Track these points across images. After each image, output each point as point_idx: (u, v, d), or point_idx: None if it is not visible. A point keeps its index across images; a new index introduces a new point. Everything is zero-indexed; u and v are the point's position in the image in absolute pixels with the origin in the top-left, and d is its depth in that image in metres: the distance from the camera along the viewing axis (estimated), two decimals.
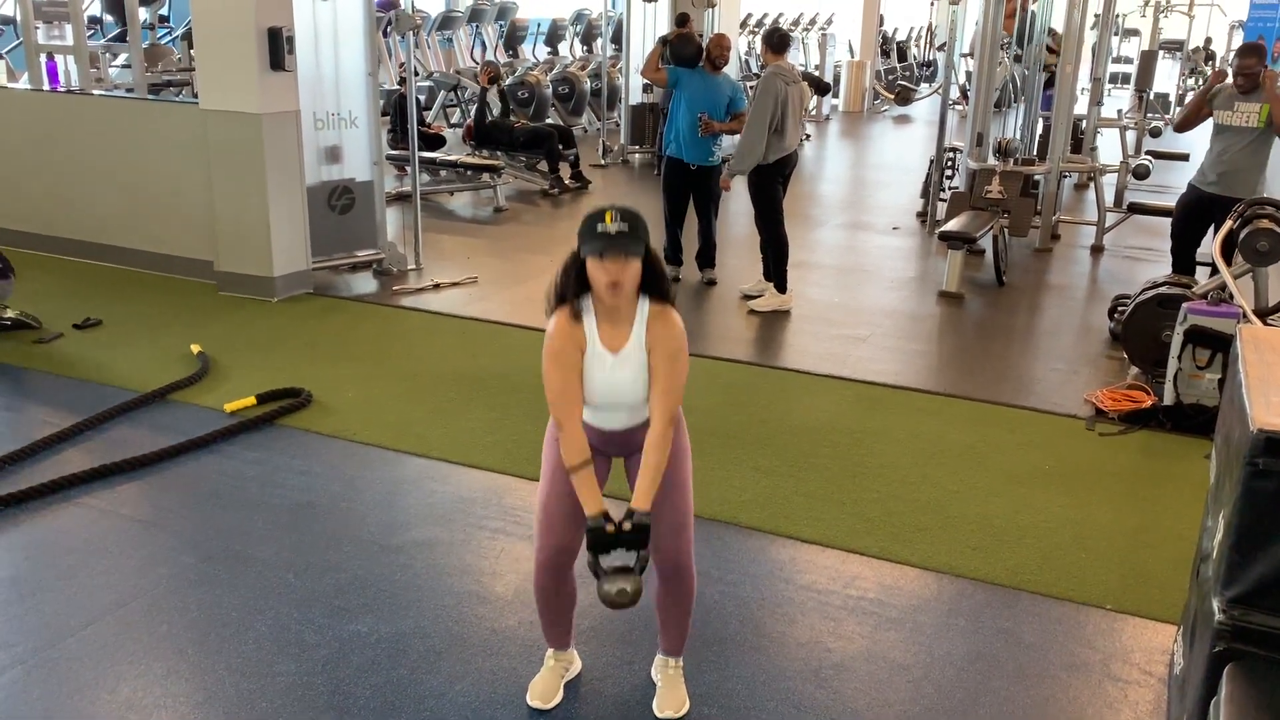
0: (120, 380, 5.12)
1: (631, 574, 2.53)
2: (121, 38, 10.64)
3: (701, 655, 3.11)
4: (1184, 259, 6.40)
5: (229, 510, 3.93)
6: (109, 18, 11.77)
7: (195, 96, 6.80)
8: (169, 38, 13.25)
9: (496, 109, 10.53)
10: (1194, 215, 6.33)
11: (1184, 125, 6.57)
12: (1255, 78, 6.08)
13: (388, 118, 10.17)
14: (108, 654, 3.09)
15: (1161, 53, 17.15)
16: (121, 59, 11.90)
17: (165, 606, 3.32)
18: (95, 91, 8.86)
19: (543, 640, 3.01)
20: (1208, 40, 20.83)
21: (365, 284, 6.96)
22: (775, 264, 6.67)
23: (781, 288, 6.68)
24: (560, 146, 10.39)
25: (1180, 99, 18.25)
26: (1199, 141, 15.79)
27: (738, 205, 7.65)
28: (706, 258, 7.24)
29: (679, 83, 6.94)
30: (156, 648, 3.12)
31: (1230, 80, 6.19)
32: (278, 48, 6.14)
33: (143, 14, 11.65)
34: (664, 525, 2.69)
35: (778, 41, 6.59)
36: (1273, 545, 2.29)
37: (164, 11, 13.52)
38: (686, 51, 7.00)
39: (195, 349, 5.48)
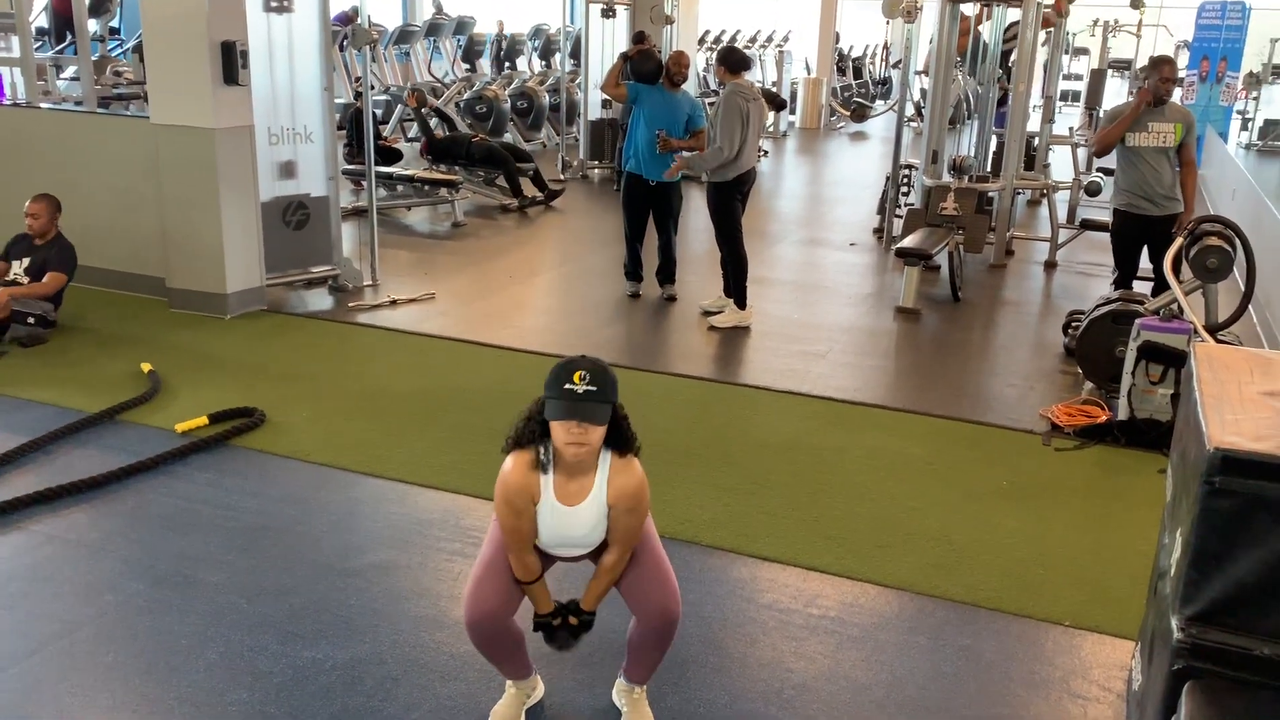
0: (67, 400, 5.00)
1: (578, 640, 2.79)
2: (71, 49, 10.47)
3: (663, 677, 3.08)
4: (1129, 278, 6.37)
5: (179, 534, 3.83)
6: (55, 31, 11.56)
7: (146, 111, 6.67)
8: (119, 50, 13.06)
9: (439, 126, 10.53)
10: (1137, 240, 6.21)
11: (1108, 147, 6.20)
12: (1173, 85, 6.04)
13: (344, 132, 10.08)
14: (50, 685, 2.99)
15: (1110, 71, 17.47)
16: (70, 71, 11.71)
17: (112, 635, 3.23)
18: (43, 105, 8.70)
19: None
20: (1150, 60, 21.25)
21: (320, 301, 6.87)
22: (735, 280, 6.68)
23: (741, 304, 6.69)
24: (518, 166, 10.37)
25: None
26: None
27: (697, 221, 7.68)
28: (666, 274, 7.23)
29: (638, 99, 6.94)
30: (103, 678, 3.03)
31: (1144, 92, 6.01)
32: (231, 62, 6.05)
33: (92, 26, 11.47)
34: (655, 605, 2.70)
35: (735, 62, 6.62)
36: (1230, 563, 2.31)
37: (114, 24, 13.32)
38: (646, 68, 7.01)
39: (146, 367, 5.37)
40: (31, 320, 5.77)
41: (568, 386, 2.43)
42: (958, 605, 3.56)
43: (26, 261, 5.94)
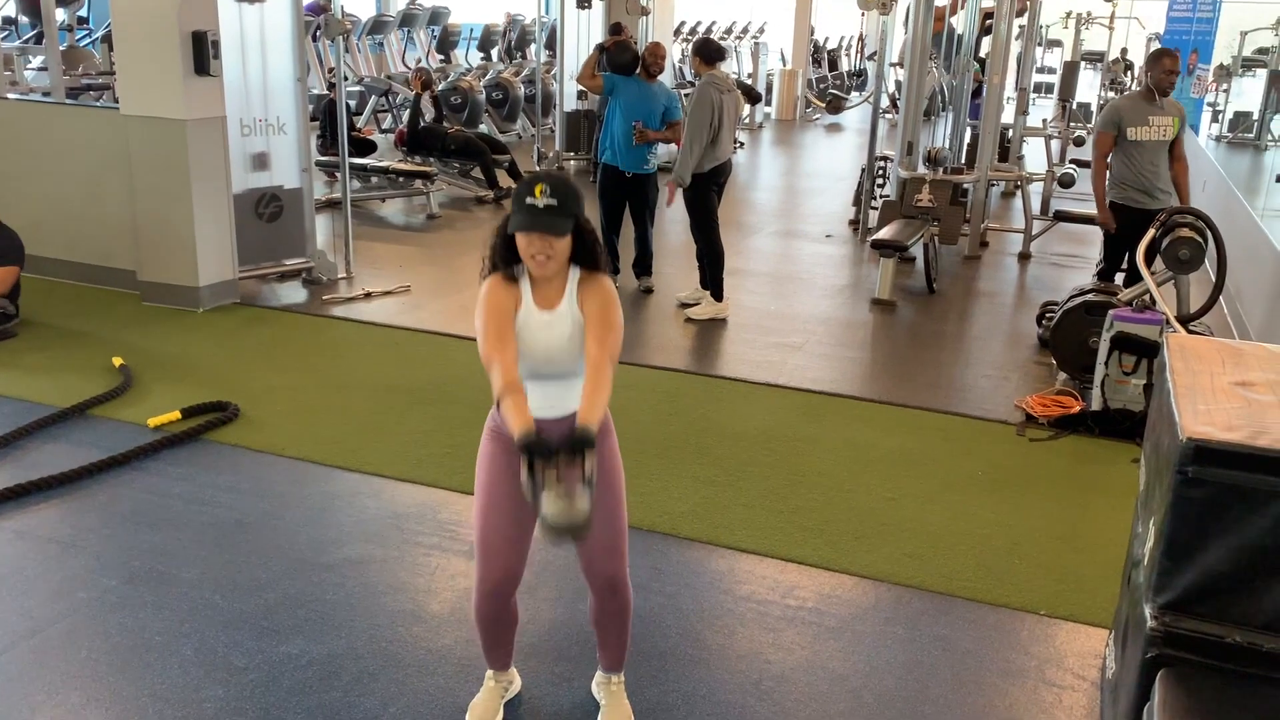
0: (37, 395, 4.94)
1: (576, 496, 2.24)
2: (38, 39, 10.32)
3: (641, 670, 3.08)
4: (1114, 271, 6.37)
5: (152, 529, 3.80)
6: (24, 19, 11.40)
7: (116, 101, 6.59)
8: (88, 40, 12.88)
9: (430, 115, 10.41)
10: (1129, 234, 5.90)
11: (1105, 169, 6.13)
12: (1172, 79, 5.98)
13: (317, 123, 10.00)
14: (22, 683, 2.96)
15: (1083, 64, 17.60)
16: (38, 61, 11.54)
17: (84, 631, 3.19)
18: (10, 95, 8.57)
19: (480, 659, 2.94)
20: (1124, 51, 21.42)
21: (294, 293, 6.82)
22: (711, 272, 6.68)
23: (718, 295, 6.70)
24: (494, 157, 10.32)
25: (1101, 108, 18.73)
26: None
27: (673, 213, 7.65)
28: (643, 266, 7.22)
29: (615, 90, 6.92)
30: (75, 675, 3.00)
31: (1145, 86, 6.05)
32: (202, 52, 5.98)
33: (60, 15, 11.31)
34: (598, 542, 2.65)
35: (711, 53, 6.59)
36: (1203, 552, 2.33)
37: (83, 13, 13.14)
38: (623, 59, 6.99)
39: (117, 362, 5.31)
40: None
41: (529, 201, 2.43)
42: (934, 595, 3.58)
43: None
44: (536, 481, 2.26)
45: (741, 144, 14.43)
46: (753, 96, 14.80)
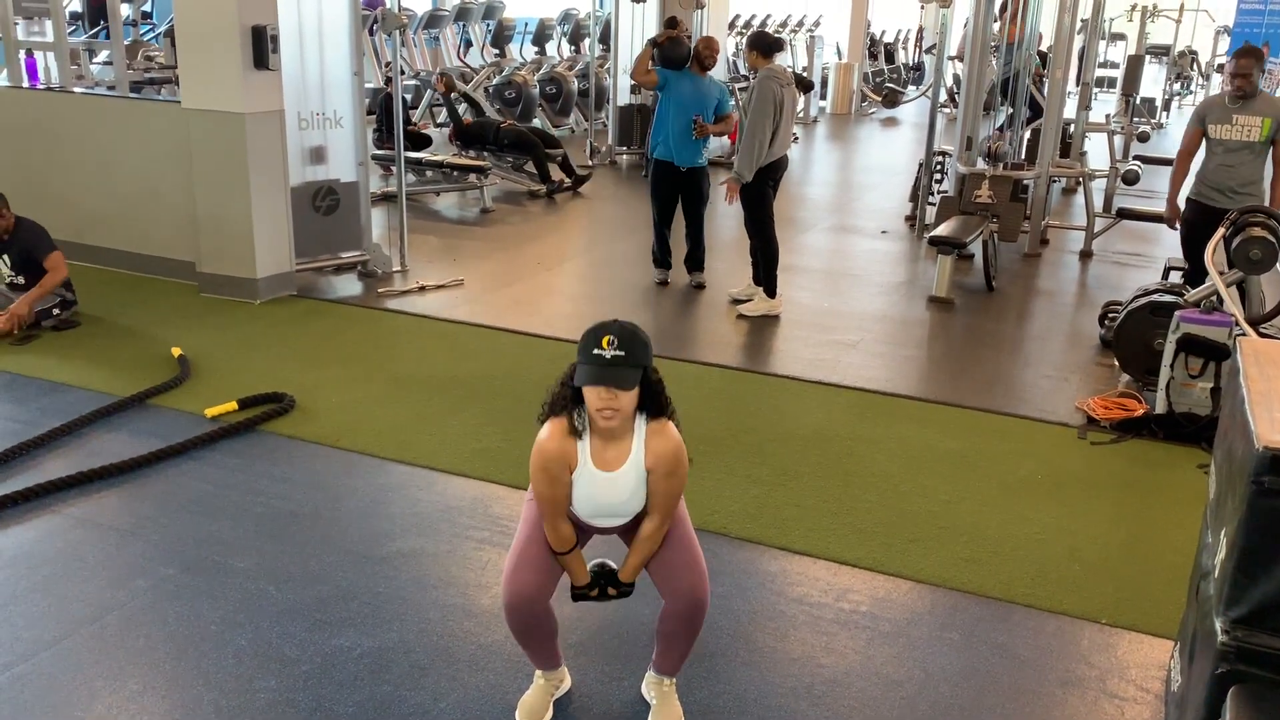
0: (98, 384, 5.03)
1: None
2: (104, 34, 10.52)
3: (692, 671, 3.05)
4: (1198, 272, 6.13)
5: (209, 519, 3.84)
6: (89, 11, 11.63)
7: (178, 95, 6.68)
8: (151, 35, 13.12)
9: (468, 111, 10.48)
10: (1203, 231, 5.69)
11: (1184, 166, 6.09)
12: (1249, 80, 5.78)
13: (373, 117, 10.08)
14: (82, 669, 3.00)
15: (1148, 57, 17.19)
16: (103, 56, 11.77)
17: (142, 619, 3.24)
18: (76, 89, 8.75)
19: None
20: (1188, 47, 20.93)
21: (350, 286, 6.87)
22: (765, 268, 6.62)
23: (771, 292, 6.63)
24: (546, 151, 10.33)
25: (1166, 104, 18.31)
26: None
27: (725, 209, 7.61)
28: (695, 261, 7.18)
29: (667, 85, 6.88)
30: (133, 663, 3.04)
31: (1224, 87, 6.00)
32: (262, 46, 6.05)
33: (125, 10, 11.52)
34: (685, 587, 2.68)
35: (768, 45, 6.53)
36: (1278, 565, 2.25)
37: (146, 8, 13.38)
38: (677, 54, 6.95)
39: (176, 352, 5.39)
40: (57, 312, 5.79)
41: (596, 351, 2.42)
42: (991, 601, 3.50)
43: (8, 259, 5.82)
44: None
45: (796, 138, 14.30)
46: (805, 85, 14.65)
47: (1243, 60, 5.86)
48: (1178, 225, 6.21)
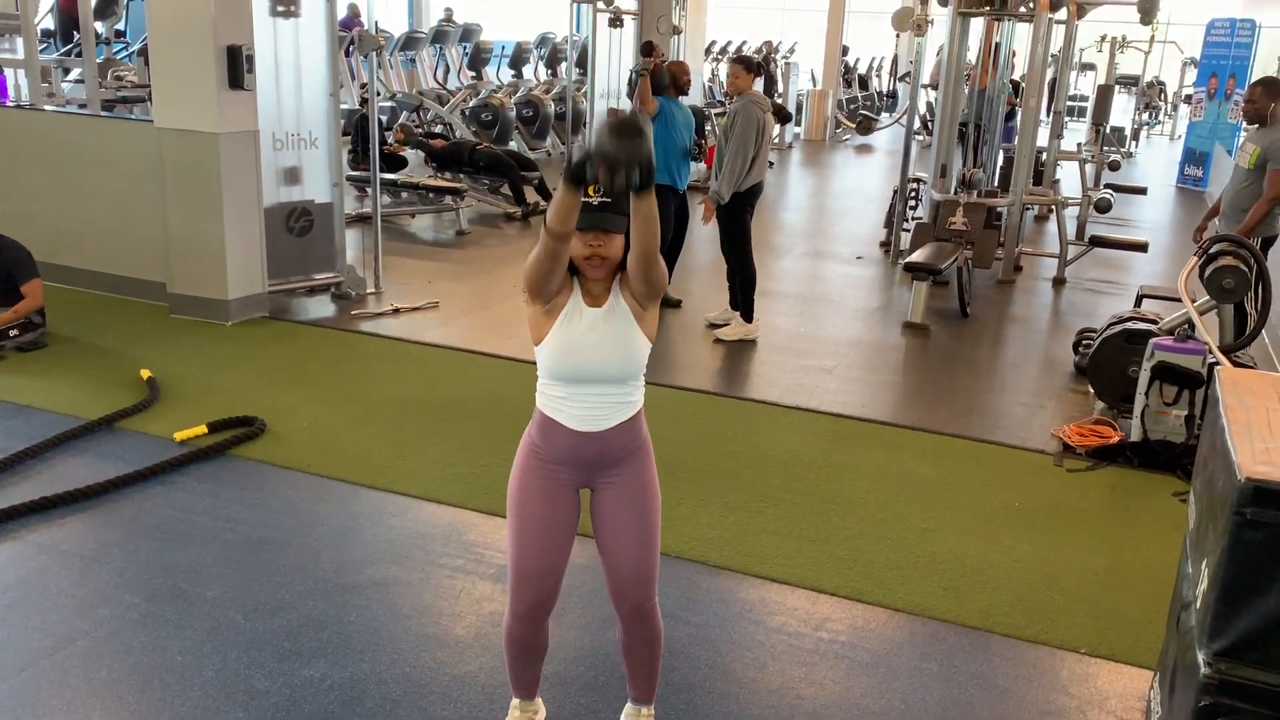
0: (65, 407, 4.93)
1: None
2: (76, 52, 10.42)
3: (670, 703, 3.00)
4: None
5: (176, 546, 3.76)
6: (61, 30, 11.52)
7: (150, 114, 6.61)
8: (125, 53, 13.02)
9: (433, 142, 10.61)
10: None
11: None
12: (1253, 108, 5.99)
13: (349, 138, 10.03)
14: (42, 701, 2.91)
15: (1117, 87, 17.44)
16: (75, 74, 11.66)
17: (106, 650, 3.15)
18: (47, 107, 8.65)
19: (505, 687, 2.88)
20: (1156, 78, 21.27)
21: (323, 308, 6.80)
22: (743, 293, 6.62)
23: (748, 317, 6.63)
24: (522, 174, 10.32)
25: (1135, 133, 18.56)
26: (1158, 175, 15.98)
27: (702, 232, 7.62)
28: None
29: (662, 111, 6.92)
30: (95, 695, 2.95)
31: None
32: (237, 66, 6.00)
33: (98, 28, 11.43)
34: (629, 571, 2.59)
35: (755, 64, 6.63)
36: (1261, 597, 2.23)
37: (120, 26, 13.28)
38: (664, 81, 7.01)
39: (145, 374, 5.30)
40: (14, 333, 5.66)
41: (583, 199, 2.31)
42: (970, 630, 3.48)
43: None
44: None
45: (771, 164, 14.37)
46: (783, 116, 14.73)
47: (1251, 90, 6.12)
48: None
